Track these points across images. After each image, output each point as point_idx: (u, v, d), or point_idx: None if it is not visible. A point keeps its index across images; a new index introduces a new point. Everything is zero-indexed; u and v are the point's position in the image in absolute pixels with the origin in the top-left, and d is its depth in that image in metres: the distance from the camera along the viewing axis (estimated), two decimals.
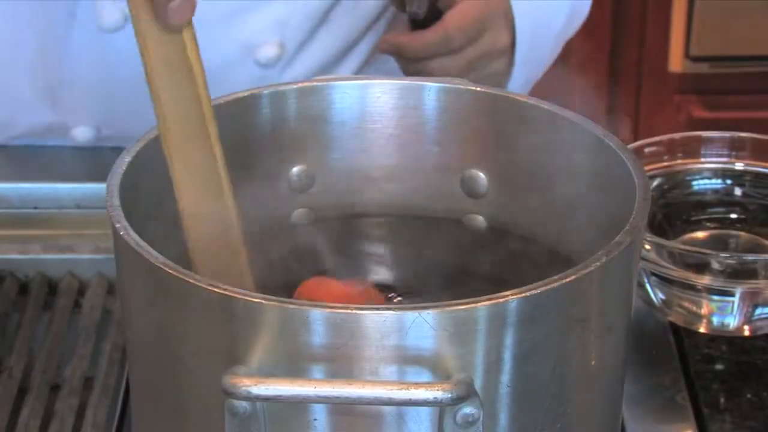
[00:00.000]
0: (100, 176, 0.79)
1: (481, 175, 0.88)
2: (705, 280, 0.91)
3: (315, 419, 0.69)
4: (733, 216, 1.04)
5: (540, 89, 1.25)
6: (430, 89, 0.88)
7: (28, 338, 1.00)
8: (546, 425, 0.73)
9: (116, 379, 0.95)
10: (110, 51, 1.16)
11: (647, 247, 0.92)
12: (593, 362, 0.74)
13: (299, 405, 0.68)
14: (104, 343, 0.99)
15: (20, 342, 0.99)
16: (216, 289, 0.67)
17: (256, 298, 0.67)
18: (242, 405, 0.67)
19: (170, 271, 0.68)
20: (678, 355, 0.94)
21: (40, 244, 1.10)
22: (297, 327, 0.67)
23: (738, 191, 1.05)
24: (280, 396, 0.66)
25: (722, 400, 0.89)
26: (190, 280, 0.68)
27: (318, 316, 0.67)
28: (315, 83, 0.89)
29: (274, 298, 0.67)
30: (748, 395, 0.90)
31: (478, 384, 0.68)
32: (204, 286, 0.68)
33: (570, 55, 1.35)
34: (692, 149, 1.07)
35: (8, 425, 0.92)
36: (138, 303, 0.75)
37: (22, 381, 0.96)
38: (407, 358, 0.68)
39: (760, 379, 0.90)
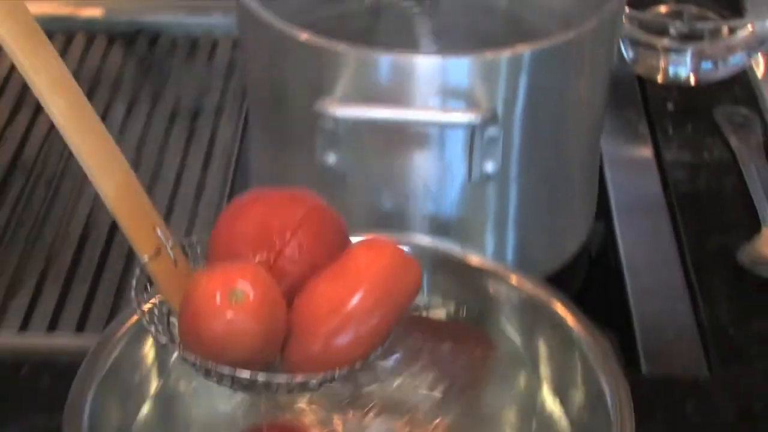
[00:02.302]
0: None
1: None
2: (664, 42, 0.87)
3: (380, 136, 0.67)
4: None
5: None
6: None
7: (178, 78, 0.97)
8: (546, 144, 0.70)
9: (238, 109, 0.93)
10: None
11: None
12: (584, 100, 0.71)
13: (369, 125, 0.66)
14: (231, 83, 0.96)
15: (172, 81, 0.97)
16: (310, 41, 0.64)
17: (339, 46, 0.64)
18: (329, 124, 0.65)
19: (279, 27, 0.65)
20: (641, 98, 0.91)
21: (184, 10, 1.05)
22: (368, 68, 0.65)
23: None
24: (355, 117, 0.64)
25: (671, 131, 0.87)
26: (291, 35, 0.65)
27: (384, 60, 0.64)
28: None
29: (352, 45, 0.64)
30: (689, 127, 0.87)
31: (499, 113, 0.65)
32: (302, 39, 0.65)
33: None
34: None
35: (161, 146, 0.90)
36: (254, 53, 0.72)
37: (173, 108, 0.94)
38: (449, 93, 0.65)
39: (700, 121, 0.87)
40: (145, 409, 0.58)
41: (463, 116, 0.64)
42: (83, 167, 0.49)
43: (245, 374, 0.49)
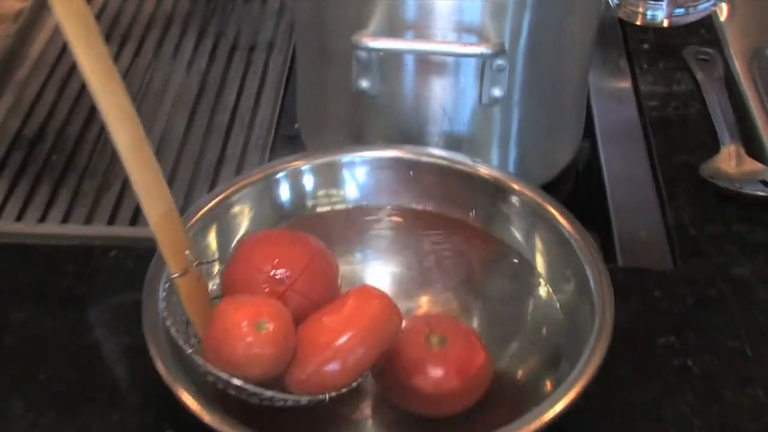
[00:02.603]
0: None
1: None
2: None
3: (406, 64, 0.65)
4: None
5: None
6: None
7: (238, 17, 0.94)
8: (544, 74, 0.68)
9: (288, 44, 0.91)
10: None
11: None
12: (576, 37, 0.69)
13: (397, 54, 0.64)
14: (281, 21, 0.94)
15: (232, 20, 0.94)
16: None
17: None
18: (363, 54, 0.63)
19: None
20: (622, 38, 0.89)
21: None
22: (397, 7, 0.63)
23: None
24: (387, 48, 0.62)
25: (646, 66, 0.84)
26: None
27: (410, 1, 0.62)
28: None
29: None
30: (662, 64, 0.84)
31: (506, 46, 0.63)
32: None
33: None
34: None
35: (222, 74, 0.87)
36: None
37: (233, 43, 0.91)
38: (464, 28, 0.63)
39: (671, 58, 0.85)
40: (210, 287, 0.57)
41: (475, 48, 0.62)
42: (136, 195, 0.50)
43: (254, 389, 0.50)
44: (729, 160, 0.73)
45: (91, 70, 0.46)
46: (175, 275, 0.51)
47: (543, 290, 0.59)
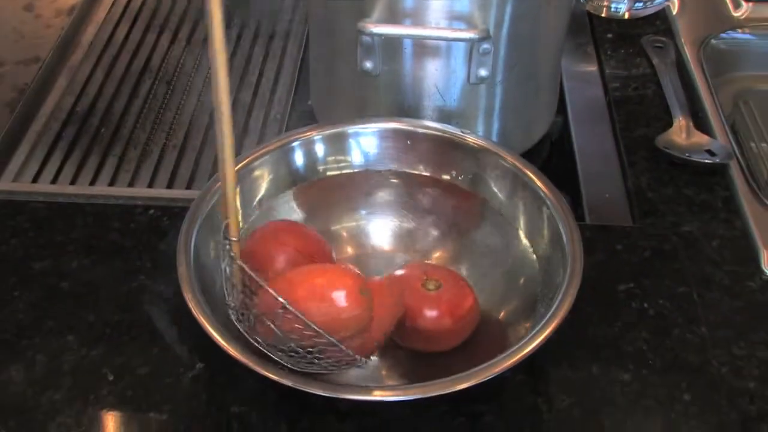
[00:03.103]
0: None
1: None
2: None
3: (405, 48, 0.62)
4: None
5: None
6: None
7: (259, 9, 0.92)
8: (524, 57, 0.65)
9: (302, 33, 0.88)
10: None
11: None
12: (551, 26, 0.66)
13: (397, 39, 0.61)
14: (296, 13, 0.91)
15: (254, 11, 0.91)
16: None
17: None
18: (367, 39, 0.60)
19: None
20: (590, 28, 0.86)
21: None
22: None
23: None
24: (388, 33, 0.60)
25: (609, 52, 0.82)
26: None
27: None
28: None
29: None
30: (623, 50, 0.82)
31: (491, 32, 0.60)
32: None
33: None
34: None
35: (246, 59, 0.85)
36: None
37: (255, 32, 0.89)
38: (454, 16, 0.60)
39: (631, 45, 0.82)
40: None
41: (464, 34, 0.60)
42: (224, 184, 0.48)
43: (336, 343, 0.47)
44: (680, 133, 0.71)
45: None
46: (234, 239, 0.49)
47: (522, 244, 0.57)
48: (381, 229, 0.61)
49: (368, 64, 0.62)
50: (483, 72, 0.62)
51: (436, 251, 0.60)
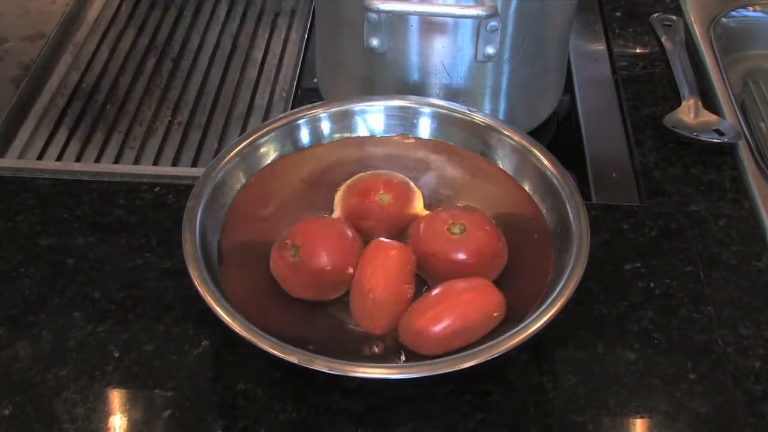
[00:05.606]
0: None
1: None
2: None
3: (411, 25, 0.61)
4: None
5: None
6: None
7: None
8: (531, 35, 0.64)
9: (307, 11, 0.87)
10: None
11: None
12: (560, 3, 0.65)
13: (403, 16, 0.60)
14: None
15: None
16: None
17: None
18: (373, 16, 0.60)
19: None
20: (598, 6, 0.84)
21: None
22: None
23: None
24: (394, 10, 0.59)
25: (617, 30, 0.81)
26: None
27: None
28: None
29: None
30: (632, 29, 0.81)
31: (499, 9, 0.60)
32: None
33: None
34: None
35: (252, 37, 0.84)
36: None
37: (260, 9, 0.88)
38: None
39: (640, 24, 0.81)
40: None
41: (472, 11, 0.59)
42: None
43: None
44: (688, 112, 0.70)
45: None
46: None
47: None
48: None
49: (374, 42, 0.62)
50: (490, 50, 0.61)
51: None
